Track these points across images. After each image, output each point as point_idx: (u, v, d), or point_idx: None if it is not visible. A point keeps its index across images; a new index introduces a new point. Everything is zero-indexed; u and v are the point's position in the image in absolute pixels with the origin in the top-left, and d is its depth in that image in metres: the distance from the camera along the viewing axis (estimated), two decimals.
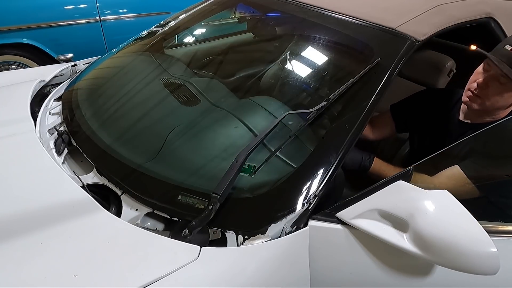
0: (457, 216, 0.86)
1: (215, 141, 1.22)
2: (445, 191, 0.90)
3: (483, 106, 1.28)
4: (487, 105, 1.28)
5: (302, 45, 1.53)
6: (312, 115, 1.12)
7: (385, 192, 0.94)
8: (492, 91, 1.25)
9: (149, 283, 0.82)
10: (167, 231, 1.03)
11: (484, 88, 1.26)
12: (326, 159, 1.04)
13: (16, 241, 0.91)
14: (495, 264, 0.83)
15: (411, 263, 0.98)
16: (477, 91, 1.27)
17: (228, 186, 0.96)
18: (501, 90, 1.24)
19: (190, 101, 1.38)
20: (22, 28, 2.88)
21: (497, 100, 1.26)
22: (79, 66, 1.89)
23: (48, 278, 0.83)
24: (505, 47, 1.22)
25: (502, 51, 1.22)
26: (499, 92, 1.24)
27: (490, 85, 1.25)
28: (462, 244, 0.82)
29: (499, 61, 1.20)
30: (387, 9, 1.40)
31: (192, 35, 1.94)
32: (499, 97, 1.25)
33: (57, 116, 1.48)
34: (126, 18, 3.25)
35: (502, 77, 1.21)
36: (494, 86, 1.24)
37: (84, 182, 1.12)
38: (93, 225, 0.97)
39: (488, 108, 1.29)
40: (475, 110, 1.32)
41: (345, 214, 0.96)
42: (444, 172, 1.16)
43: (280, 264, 0.94)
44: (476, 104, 1.29)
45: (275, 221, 0.96)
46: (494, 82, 1.24)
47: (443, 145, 1.12)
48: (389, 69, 1.16)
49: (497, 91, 1.25)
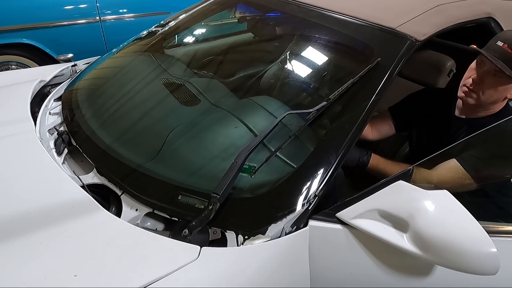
0: (457, 216, 0.86)
1: (215, 141, 1.22)
2: (445, 191, 0.90)
3: (478, 100, 1.32)
4: (482, 100, 1.32)
5: (302, 45, 1.53)
6: (312, 115, 1.12)
7: (385, 192, 0.94)
8: (487, 86, 1.29)
9: (149, 283, 0.82)
10: (167, 231, 1.03)
11: (479, 83, 1.30)
12: (326, 159, 1.04)
13: (16, 241, 0.91)
14: (495, 264, 0.83)
15: (411, 263, 0.98)
16: (472, 87, 1.31)
17: (228, 186, 0.96)
18: (496, 84, 1.28)
19: (190, 101, 1.38)
20: (22, 28, 2.87)
21: (491, 94, 1.31)
22: (79, 66, 1.89)
23: (48, 278, 0.83)
24: (497, 43, 1.27)
25: (495, 47, 1.26)
26: (494, 86, 1.29)
27: (485, 80, 1.29)
28: (462, 244, 0.82)
29: (492, 56, 1.24)
30: (387, 9, 1.40)
31: (192, 35, 1.94)
32: (494, 91, 1.30)
33: (57, 116, 1.48)
34: (126, 18, 3.25)
35: (496, 71, 1.25)
36: (489, 81, 1.28)
37: (84, 182, 1.12)
38: (93, 225, 0.96)
39: (483, 102, 1.33)
40: (471, 105, 1.36)
41: (345, 214, 0.96)
42: (443, 165, 1.19)
43: (280, 264, 0.94)
44: (472, 99, 1.33)
45: (275, 221, 0.95)
46: (488, 77, 1.28)
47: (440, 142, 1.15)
48: (389, 69, 1.16)
49: (492, 86, 1.29)
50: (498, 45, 1.26)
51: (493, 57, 1.23)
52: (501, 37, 1.29)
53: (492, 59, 1.23)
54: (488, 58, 1.24)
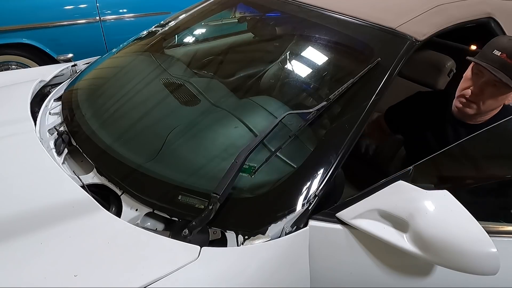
0: (457, 216, 0.86)
1: (215, 141, 1.22)
2: (445, 191, 0.90)
3: (478, 110, 1.32)
4: (482, 109, 1.32)
5: (302, 45, 1.52)
6: (312, 115, 1.12)
7: (385, 192, 0.94)
8: (486, 96, 1.29)
9: (149, 283, 0.82)
10: (167, 231, 1.03)
11: (479, 94, 1.29)
12: (326, 159, 1.04)
13: (16, 241, 0.91)
14: (495, 264, 0.83)
15: (411, 263, 0.97)
16: (472, 98, 1.31)
17: (228, 186, 0.96)
18: (496, 94, 1.28)
19: (190, 101, 1.38)
20: (22, 28, 2.87)
21: (491, 104, 1.30)
22: (79, 66, 1.89)
23: (48, 278, 0.83)
24: (494, 53, 1.25)
25: (493, 57, 1.24)
26: (494, 96, 1.28)
27: (485, 91, 1.28)
28: (462, 244, 0.82)
29: (492, 67, 1.22)
30: (387, 9, 1.40)
31: (192, 35, 1.94)
32: (494, 101, 1.30)
33: (57, 116, 1.48)
34: (126, 18, 3.25)
35: (496, 82, 1.24)
36: (489, 91, 1.28)
37: (84, 182, 1.12)
38: (93, 225, 0.96)
39: (483, 111, 1.33)
40: (469, 114, 1.35)
41: (345, 214, 0.96)
42: None
43: (280, 264, 0.94)
44: (472, 109, 1.33)
45: (275, 221, 0.95)
46: (488, 88, 1.27)
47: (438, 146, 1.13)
48: (389, 69, 1.16)
49: (492, 96, 1.28)
50: (495, 54, 1.24)
51: (492, 68, 1.22)
52: (496, 45, 1.26)
53: (492, 70, 1.21)
54: (488, 69, 1.22)
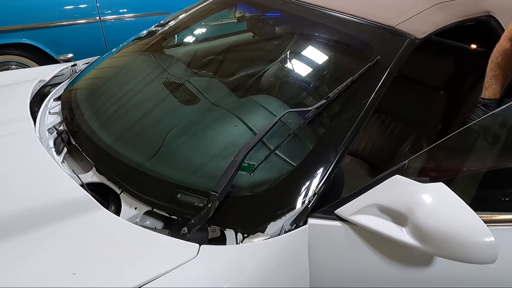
0: (454, 207, 0.87)
1: (214, 140, 1.22)
2: (441, 183, 0.90)
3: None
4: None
5: (302, 44, 1.52)
6: (311, 113, 1.12)
7: (383, 187, 0.94)
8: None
9: (148, 281, 0.82)
10: (166, 229, 1.03)
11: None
12: (325, 157, 1.04)
13: (15, 239, 0.91)
14: (493, 253, 0.83)
15: (411, 257, 0.97)
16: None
17: (227, 184, 0.96)
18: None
19: (190, 100, 1.38)
20: (22, 28, 2.88)
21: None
22: (79, 66, 1.89)
23: (47, 276, 0.83)
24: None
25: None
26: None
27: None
28: (460, 235, 0.83)
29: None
30: (386, 7, 1.40)
31: (192, 35, 1.94)
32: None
33: (56, 116, 1.48)
34: (126, 18, 3.25)
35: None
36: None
37: (83, 181, 1.12)
38: (92, 224, 0.96)
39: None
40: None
41: (344, 210, 0.96)
42: None
43: (280, 262, 0.93)
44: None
45: (275, 219, 0.95)
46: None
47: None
48: (388, 67, 1.16)
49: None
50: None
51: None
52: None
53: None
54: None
